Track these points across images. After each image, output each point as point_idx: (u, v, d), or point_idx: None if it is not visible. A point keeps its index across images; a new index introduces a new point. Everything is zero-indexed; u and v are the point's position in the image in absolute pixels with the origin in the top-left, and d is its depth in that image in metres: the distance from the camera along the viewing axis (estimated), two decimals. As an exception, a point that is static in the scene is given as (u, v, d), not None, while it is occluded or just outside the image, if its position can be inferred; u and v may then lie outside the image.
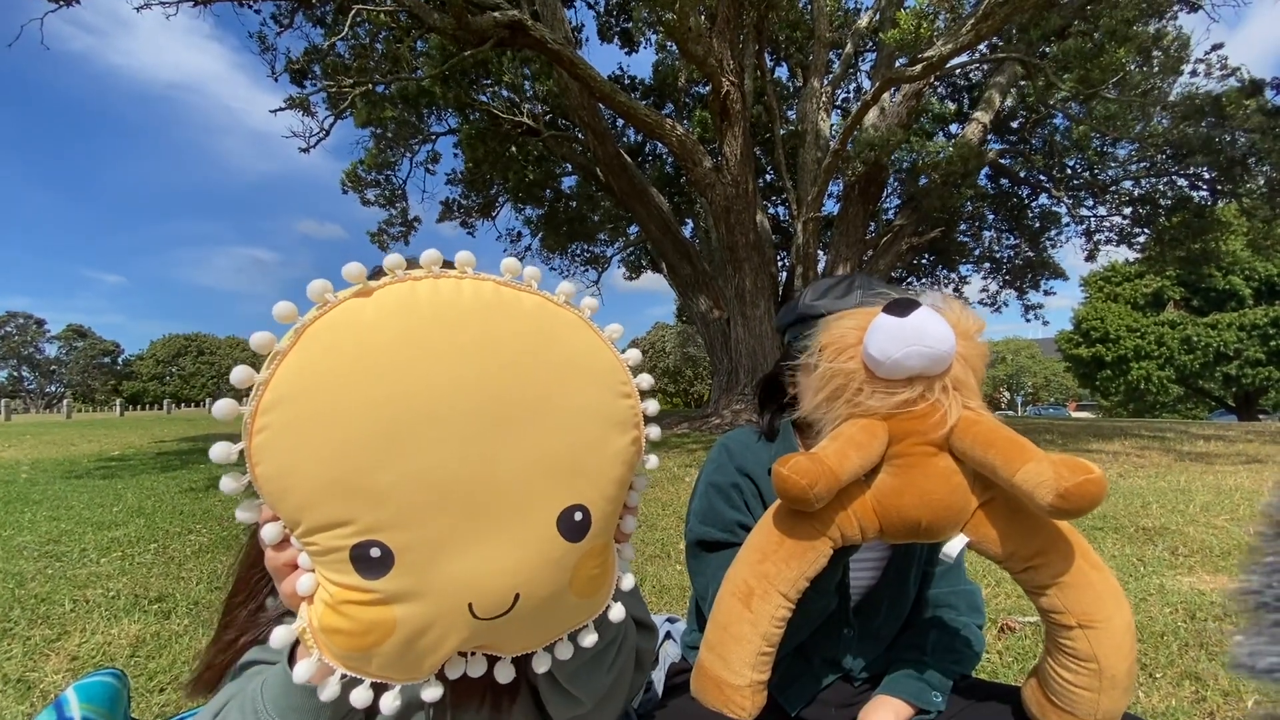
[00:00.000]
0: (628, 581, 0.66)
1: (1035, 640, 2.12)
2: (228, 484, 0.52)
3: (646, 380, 0.64)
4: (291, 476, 0.50)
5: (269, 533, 0.54)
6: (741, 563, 0.88)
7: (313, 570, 0.54)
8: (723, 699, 0.86)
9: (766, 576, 0.85)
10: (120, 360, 65.17)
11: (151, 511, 4.60)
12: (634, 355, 0.64)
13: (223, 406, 0.51)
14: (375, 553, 0.50)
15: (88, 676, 0.88)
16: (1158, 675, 1.87)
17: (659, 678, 1.29)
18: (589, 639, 0.63)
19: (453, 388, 0.51)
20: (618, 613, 0.65)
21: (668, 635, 1.54)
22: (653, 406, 0.64)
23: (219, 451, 0.51)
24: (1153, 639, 2.10)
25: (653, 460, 0.66)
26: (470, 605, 0.53)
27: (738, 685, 0.85)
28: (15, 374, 61.85)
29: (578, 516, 0.57)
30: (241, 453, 0.51)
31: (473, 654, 0.61)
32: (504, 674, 0.62)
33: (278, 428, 0.49)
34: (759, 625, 0.84)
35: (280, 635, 0.53)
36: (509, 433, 0.53)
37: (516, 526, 0.54)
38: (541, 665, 0.62)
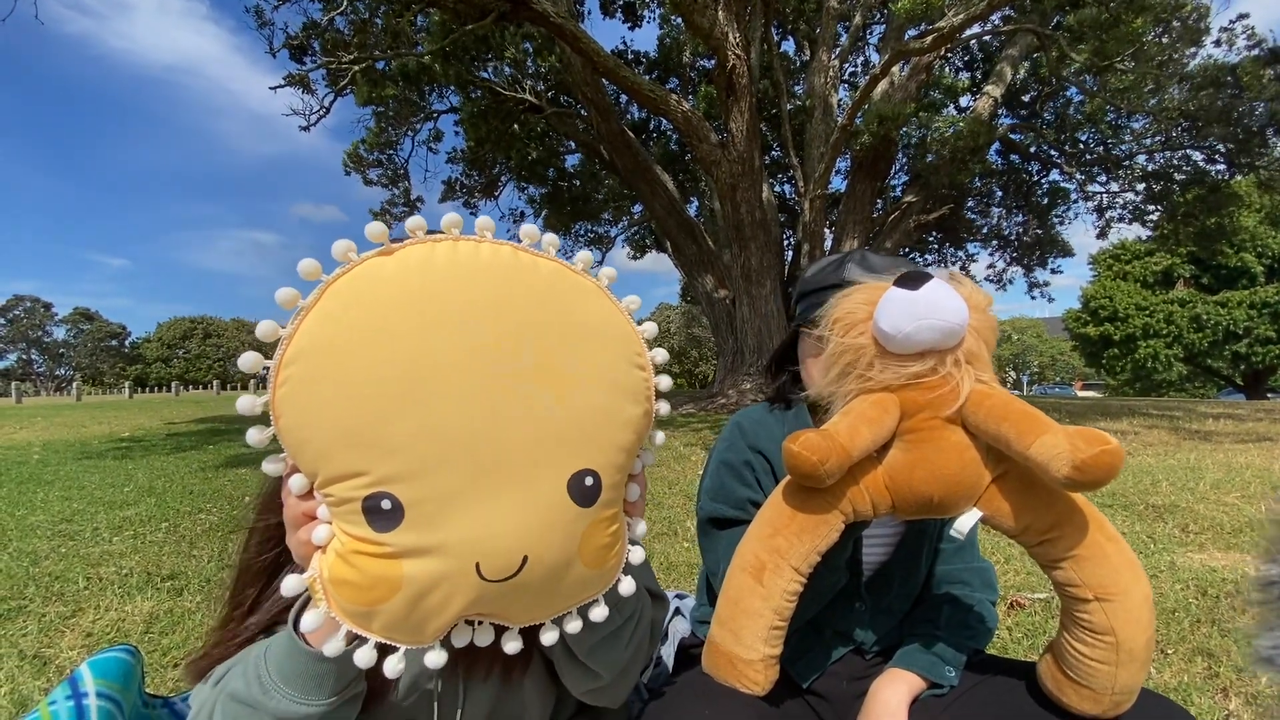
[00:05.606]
0: (637, 555, 0.65)
1: (1045, 617, 2.12)
2: (254, 436, 0.53)
3: (661, 355, 0.64)
4: (310, 428, 0.51)
5: (296, 482, 0.55)
6: (752, 537, 0.87)
7: (330, 522, 0.55)
8: (735, 674, 0.85)
9: (778, 550, 0.84)
10: (128, 343, 65.61)
11: (162, 491, 4.64)
12: (650, 328, 0.64)
13: (245, 402, 0.52)
14: (386, 504, 0.51)
15: (101, 652, 0.88)
16: (1169, 652, 1.86)
17: (669, 653, 1.30)
18: (598, 613, 0.63)
19: (466, 345, 0.52)
20: (628, 586, 0.64)
21: (677, 611, 1.54)
22: (665, 382, 0.64)
23: (245, 403, 0.52)
24: (1164, 615, 2.09)
25: (660, 436, 0.66)
26: (478, 565, 0.53)
27: (750, 660, 0.84)
28: (25, 357, 62.42)
29: (588, 481, 0.57)
30: (266, 405, 0.52)
31: (480, 622, 0.61)
32: (511, 645, 0.61)
33: (298, 380, 0.51)
34: (770, 599, 0.84)
35: (291, 582, 0.54)
36: (521, 393, 0.54)
37: (526, 487, 0.54)
38: (549, 638, 0.62)
